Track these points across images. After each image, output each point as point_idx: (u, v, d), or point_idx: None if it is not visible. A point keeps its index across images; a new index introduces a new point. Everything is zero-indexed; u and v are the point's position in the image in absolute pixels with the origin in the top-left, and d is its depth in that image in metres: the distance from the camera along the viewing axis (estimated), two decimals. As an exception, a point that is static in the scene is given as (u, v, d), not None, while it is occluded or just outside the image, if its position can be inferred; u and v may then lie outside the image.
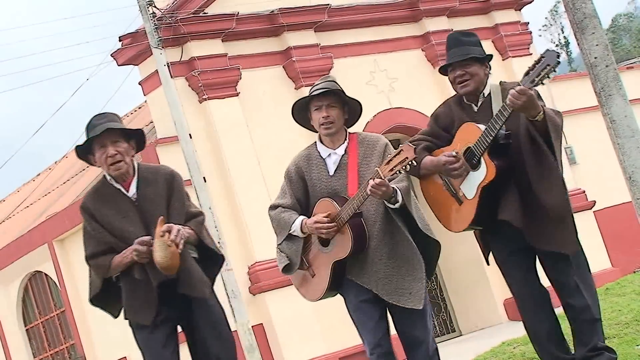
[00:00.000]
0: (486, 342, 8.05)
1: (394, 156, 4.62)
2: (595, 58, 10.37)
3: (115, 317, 5.10)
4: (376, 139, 5.15)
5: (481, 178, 4.87)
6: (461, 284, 15.04)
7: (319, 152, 5.11)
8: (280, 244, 5.10)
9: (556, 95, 15.92)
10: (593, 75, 10.40)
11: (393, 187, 4.76)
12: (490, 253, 5.27)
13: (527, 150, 4.86)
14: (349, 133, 5.15)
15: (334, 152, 5.07)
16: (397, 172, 4.63)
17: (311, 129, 5.21)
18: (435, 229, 5.10)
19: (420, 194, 5.37)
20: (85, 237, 4.89)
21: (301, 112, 5.14)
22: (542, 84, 4.69)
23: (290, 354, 12.85)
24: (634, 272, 9.32)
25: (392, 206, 4.86)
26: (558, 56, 4.70)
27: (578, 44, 10.62)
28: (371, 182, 4.64)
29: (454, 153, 4.90)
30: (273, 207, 5.11)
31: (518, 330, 5.80)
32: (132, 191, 4.89)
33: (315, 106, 5.01)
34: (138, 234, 4.71)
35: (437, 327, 15.64)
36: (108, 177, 4.92)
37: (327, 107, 5.00)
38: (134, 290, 4.78)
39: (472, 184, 4.91)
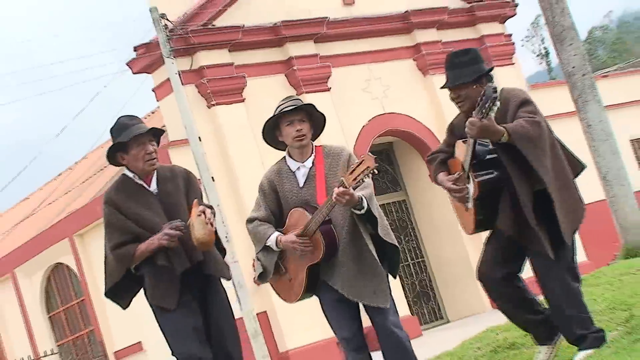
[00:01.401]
0: (472, 329, 8.04)
1: (357, 166, 4.63)
2: (573, 67, 10.42)
3: (125, 308, 5.11)
4: (340, 150, 5.14)
5: (471, 192, 4.91)
6: (449, 277, 15.10)
7: (289, 166, 5.10)
8: (257, 253, 5.11)
9: (536, 101, 15.89)
10: (571, 83, 10.45)
11: (358, 195, 4.75)
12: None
13: (510, 165, 4.88)
14: (315, 146, 5.14)
15: (302, 165, 5.06)
16: (360, 180, 4.62)
17: (278, 147, 5.22)
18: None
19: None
20: (109, 229, 4.88)
21: (270, 132, 5.13)
22: (490, 115, 4.68)
23: (291, 339, 12.90)
24: (608, 264, 9.32)
25: (358, 212, 4.85)
26: (495, 91, 4.68)
27: (557, 54, 10.68)
28: (336, 191, 4.65)
29: (456, 176, 4.93)
30: (250, 221, 5.10)
31: (501, 317, 5.81)
32: (153, 187, 4.94)
33: (288, 121, 5.00)
34: (162, 224, 4.76)
35: (427, 315, 15.69)
36: (130, 174, 4.95)
37: (298, 121, 5.00)
38: (158, 277, 4.80)
39: (470, 196, 4.95)
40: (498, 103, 4.63)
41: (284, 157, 5.17)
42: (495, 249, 5.06)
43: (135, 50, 13.57)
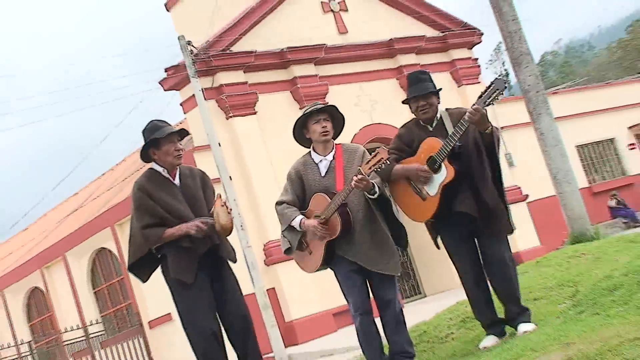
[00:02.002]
0: (445, 302, 8.06)
1: (372, 157, 4.69)
2: (529, 85, 10.44)
3: (144, 282, 5.10)
4: (356, 147, 5.20)
5: (442, 178, 4.88)
6: (426, 257, 15.11)
7: (313, 159, 5.14)
8: (283, 231, 5.14)
9: (499, 113, 15.96)
10: (527, 99, 10.47)
11: (372, 182, 4.81)
12: (438, 238, 5.25)
13: (474, 158, 4.91)
14: (335, 144, 5.18)
15: (324, 159, 5.10)
16: (376, 169, 4.68)
17: (304, 144, 5.23)
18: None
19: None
20: (139, 212, 4.85)
21: (299, 130, 5.16)
22: (493, 104, 4.72)
23: (295, 310, 12.91)
24: (557, 249, 9.34)
25: (371, 197, 4.91)
26: (505, 82, 4.72)
27: (515, 75, 10.69)
28: (355, 178, 4.70)
29: (425, 167, 4.91)
30: (279, 203, 5.13)
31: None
32: (177, 181, 4.97)
33: (315, 120, 5.05)
34: (185, 211, 4.80)
35: (408, 291, 15.69)
36: (159, 169, 4.96)
37: (324, 120, 5.06)
38: (180, 256, 4.80)
39: (435, 184, 4.91)
40: (501, 96, 4.71)
41: (309, 151, 5.20)
42: (463, 244, 5.07)
43: (166, 72, 13.57)
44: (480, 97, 4.72)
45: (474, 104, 4.72)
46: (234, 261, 5.04)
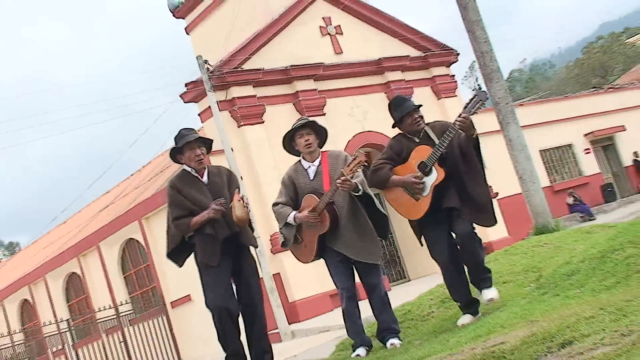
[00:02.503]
0: (427, 285, 8.05)
1: (352, 160, 4.73)
2: (499, 98, 10.43)
3: (180, 266, 5.09)
4: (339, 153, 5.22)
5: (433, 180, 4.86)
6: (411, 246, 15.09)
7: (303, 166, 5.16)
8: (280, 228, 5.15)
9: (473, 122, 15.91)
10: (497, 110, 10.45)
11: (355, 182, 4.80)
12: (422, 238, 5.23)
13: (460, 161, 4.88)
14: (321, 151, 5.19)
15: (312, 165, 5.11)
16: (355, 170, 4.70)
17: (294, 154, 5.23)
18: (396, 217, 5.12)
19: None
20: (172, 206, 4.87)
21: (288, 142, 5.17)
22: (476, 113, 4.70)
23: (297, 292, 12.89)
24: (523, 239, 9.34)
25: (356, 194, 4.91)
26: (486, 94, 4.72)
27: (487, 89, 10.66)
28: (338, 180, 4.73)
29: (419, 175, 4.86)
30: (275, 204, 5.16)
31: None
32: (205, 179, 4.98)
33: (299, 134, 5.07)
34: (210, 205, 4.77)
35: (394, 276, 15.67)
36: (189, 169, 4.96)
37: (306, 134, 5.05)
38: (205, 241, 4.81)
39: (427, 185, 4.89)
40: (483, 106, 4.70)
41: (299, 160, 5.21)
42: (443, 235, 5.03)
43: (185, 86, 13.55)
44: (465, 107, 4.71)
45: (461, 113, 4.70)
46: (256, 246, 5.09)
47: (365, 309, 5.16)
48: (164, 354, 14.25)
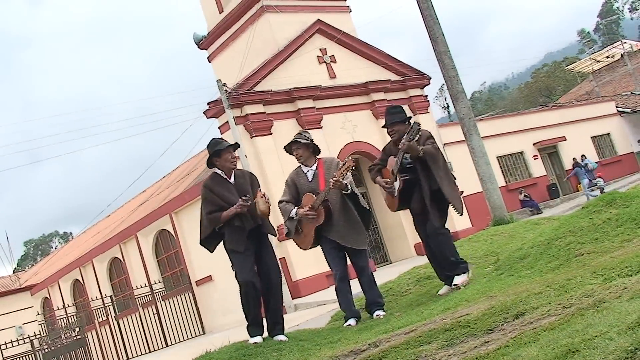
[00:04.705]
0: (406, 267, 8.06)
1: (342, 165, 4.77)
2: (463, 114, 10.45)
3: (212, 252, 5.06)
4: (332, 159, 5.21)
5: (398, 186, 4.94)
6: (392, 234, 15.09)
7: (302, 170, 5.16)
8: (285, 221, 5.15)
9: (442, 134, 15.98)
10: (462, 124, 10.48)
11: (345, 182, 4.83)
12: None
13: (419, 170, 4.87)
14: (318, 158, 5.19)
15: (310, 169, 5.12)
16: (345, 173, 4.74)
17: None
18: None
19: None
20: (206, 203, 4.84)
21: (289, 151, 5.19)
22: (415, 139, 4.70)
23: (299, 273, 12.87)
24: (483, 229, 9.37)
25: (346, 192, 4.93)
26: (419, 125, 4.72)
27: (454, 107, 10.69)
28: (331, 181, 4.77)
29: (388, 180, 4.95)
30: (280, 202, 5.15)
31: (422, 260, 5.84)
32: (232, 180, 4.94)
33: (293, 148, 5.11)
34: (237, 201, 4.75)
35: (379, 259, 15.66)
36: (219, 172, 4.93)
37: (296, 149, 5.08)
38: (234, 232, 4.78)
39: (394, 188, 4.97)
40: (420, 133, 4.68)
41: (300, 165, 5.21)
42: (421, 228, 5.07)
43: (208, 104, 13.55)
44: (406, 134, 4.70)
45: (402, 140, 4.70)
46: (275, 235, 5.02)
47: (355, 286, 5.16)
48: (190, 324, 14.25)
